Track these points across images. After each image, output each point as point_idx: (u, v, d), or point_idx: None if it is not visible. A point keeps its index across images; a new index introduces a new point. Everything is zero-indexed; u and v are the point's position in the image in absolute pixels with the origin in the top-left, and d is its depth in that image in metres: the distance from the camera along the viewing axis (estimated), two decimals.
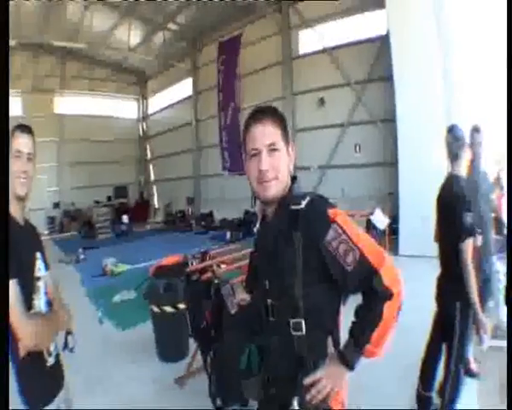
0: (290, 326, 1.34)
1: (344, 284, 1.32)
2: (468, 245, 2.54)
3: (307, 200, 1.34)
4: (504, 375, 1.74)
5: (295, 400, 1.34)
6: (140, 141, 24.91)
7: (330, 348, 1.40)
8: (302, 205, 1.33)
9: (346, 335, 1.36)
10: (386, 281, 1.24)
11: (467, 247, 2.53)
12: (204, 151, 19.31)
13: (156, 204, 23.90)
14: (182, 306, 4.33)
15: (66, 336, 1.97)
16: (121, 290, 7.33)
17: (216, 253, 5.83)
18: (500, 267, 3.85)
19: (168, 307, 4.40)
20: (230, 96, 16.09)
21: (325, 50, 13.27)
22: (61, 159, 20.54)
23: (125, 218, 17.68)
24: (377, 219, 8.78)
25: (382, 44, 10.94)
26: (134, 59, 20.13)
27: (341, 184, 12.74)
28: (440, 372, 2.89)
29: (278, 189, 1.39)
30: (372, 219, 8.82)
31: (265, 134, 1.37)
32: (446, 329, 2.73)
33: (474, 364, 3.58)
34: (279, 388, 1.43)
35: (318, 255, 1.29)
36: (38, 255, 1.77)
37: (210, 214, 17.40)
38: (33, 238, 1.83)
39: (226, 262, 5.13)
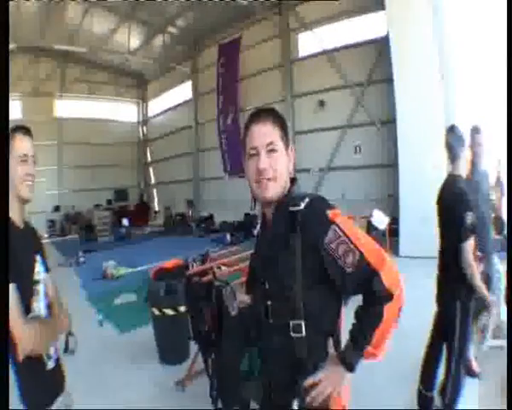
0: (290, 328, 1.33)
1: (343, 286, 1.31)
2: (470, 244, 2.54)
3: (306, 201, 1.34)
4: (505, 375, 1.74)
5: (295, 402, 1.34)
6: (140, 144, 24.92)
7: (331, 350, 1.39)
8: (301, 206, 1.32)
9: (347, 336, 1.35)
10: (386, 283, 1.23)
11: (469, 246, 2.54)
12: (204, 154, 19.32)
13: (156, 207, 23.92)
14: (182, 308, 4.33)
15: (66, 339, 1.96)
16: (121, 293, 7.33)
17: (216, 255, 5.83)
18: (500, 267, 3.85)
19: (169, 310, 4.39)
20: (230, 98, 16.10)
21: (325, 53, 13.27)
22: (62, 162, 20.56)
23: (125, 221, 17.69)
24: (377, 219, 8.79)
25: (382, 46, 10.94)
26: (134, 62, 20.13)
27: (341, 187, 12.73)
28: (441, 372, 2.89)
29: (276, 189, 1.39)
30: (372, 220, 8.82)
31: (264, 133, 1.38)
32: (447, 329, 2.73)
33: (475, 364, 3.58)
34: (279, 390, 1.43)
35: (318, 257, 1.29)
36: (38, 258, 1.76)
37: (210, 217, 17.38)
38: (33, 241, 1.81)
39: (227, 265, 5.13)
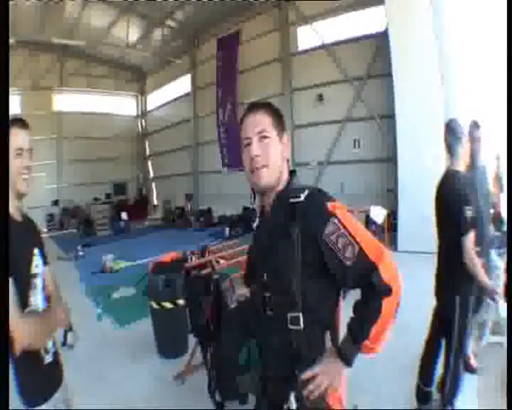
0: (288, 320, 1.33)
1: (342, 279, 1.31)
2: (471, 238, 2.55)
3: (306, 193, 1.34)
4: (504, 371, 1.74)
5: (292, 395, 1.34)
6: (139, 138, 24.85)
7: (328, 344, 1.40)
8: (301, 198, 1.33)
9: (345, 330, 1.36)
10: (384, 277, 1.24)
11: (469, 240, 2.54)
12: (203, 148, 19.28)
13: (155, 201, 23.91)
14: (181, 302, 4.35)
15: (65, 333, 1.96)
16: (120, 287, 7.36)
17: (215, 249, 5.84)
18: (500, 264, 3.85)
19: (167, 304, 4.40)
20: (229, 92, 16.05)
21: (324, 47, 13.22)
22: (60, 156, 20.48)
23: (124, 215, 17.65)
24: (375, 213, 8.82)
25: (381, 41, 10.90)
26: (132, 56, 20.10)
27: (340, 180, 12.72)
28: (440, 367, 2.90)
29: (270, 177, 1.41)
30: (370, 214, 8.86)
31: (255, 123, 1.42)
32: (446, 324, 2.73)
33: (474, 360, 3.59)
34: (276, 383, 1.43)
35: (317, 249, 1.29)
36: (36, 252, 1.75)
37: (208, 211, 17.36)
38: (31, 234, 1.81)
39: (225, 258, 5.14)
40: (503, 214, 4.28)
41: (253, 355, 1.51)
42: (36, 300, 1.68)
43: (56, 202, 20.12)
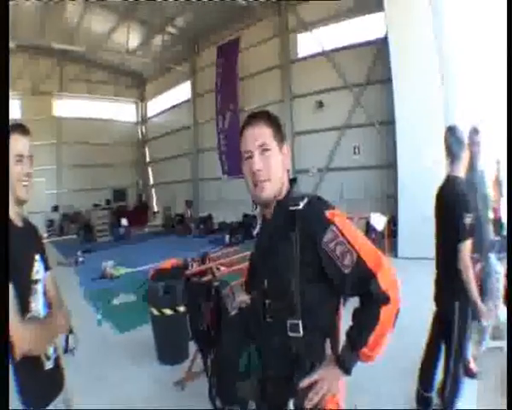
0: (287, 327, 1.34)
1: (341, 287, 1.32)
2: (468, 246, 2.55)
3: (305, 201, 1.36)
4: (504, 375, 1.75)
5: (291, 402, 1.35)
6: (139, 144, 24.89)
7: (328, 351, 1.40)
8: (300, 206, 1.34)
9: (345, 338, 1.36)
10: (383, 285, 1.25)
11: (466, 247, 2.55)
12: (203, 154, 19.30)
13: (155, 207, 23.88)
14: (181, 308, 4.34)
15: (66, 339, 1.96)
16: (120, 293, 7.34)
17: (216, 256, 5.84)
18: (500, 268, 3.85)
19: (168, 310, 4.40)
20: (229, 99, 16.07)
21: (324, 53, 13.27)
22: (60, 162, 20.51)
23: (124, 221, 17.65)
24: (375, 220, 8.82)
25: (381, 47, 10.95)
26: (132, 62, 20.15)
27: (340, 187, 12.73)
28: (441, 372, 2.89)
29: (273, 189, 1.42)
30: (370, 221, 8.86)
31: (256, 136, 1.41)
32: (445, 329, 2.74)
33: (474, 364, 3.59)
34: (275, 389, 1.43)
35: (316, 257, 1.30)
36: (37, 257, 1.74)
37: (209, 218, 17.33)
38: (32, 240, 1.80)
39: (226, 265, 5.14)
40: (504, 219, 4.29)
41: (253, 361, 1.51)
42: (36, 305, 1.68)
43: (56, 208, 20.10)
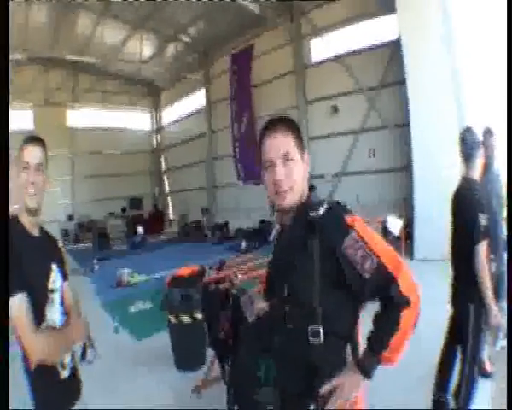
0: (308, 333, 1.33)
1: (361, 292, 1.31)
2: (484, 247, 2.54)
3: (325, 207, 1.35)
4: None
5: (312, 408, 1.34)
6: (154, 153, 25.17)
7: (348, 356, 1.39)
8: (320, 212, 1.34)
9: (365, 343, 1.36)
10: (403, 288, 1.25)
11: (482, 249, 2.54)
12: (218, 161, 19.40)
13: (171, 215, 24.03)
14: (198, 315, 4.34)
15: (84, 348, 1.96)
16: (137, 301, 7.39)
17: (233, 263, 5.83)
18: None
19: (185, 317, 4.41)
20: (244, 106, 16.19)
21: (337, 58, 13.27)
22: (75, 172, 20.83)
23: (140, 229, 17.80)
24: (391, 224, 8.73)
25: (394, 49, 10.90)
26: (146, 71, 20.40)
27: (356, 191, 12.58)
28: (456, 375, 2.86)
29: (294, 197, 1.40)
30: (387, 225, 8.77)
31: (278, 145, 1.39)
32: (461, 331, 2.73)
33: (488, 364, 3.54)
34: (296, 396, 1.41)
35: (336, 262, 1.29)
36: (54, 267, 1.76)
37: (225, 224, 17.38)
38: (49, 250, 1.82)
39: (243, 272, 5.12)
40: None
41: (272, 368, 1.50)
42: (52, 315, 1.69)
43: (71, 217, 20.35)
